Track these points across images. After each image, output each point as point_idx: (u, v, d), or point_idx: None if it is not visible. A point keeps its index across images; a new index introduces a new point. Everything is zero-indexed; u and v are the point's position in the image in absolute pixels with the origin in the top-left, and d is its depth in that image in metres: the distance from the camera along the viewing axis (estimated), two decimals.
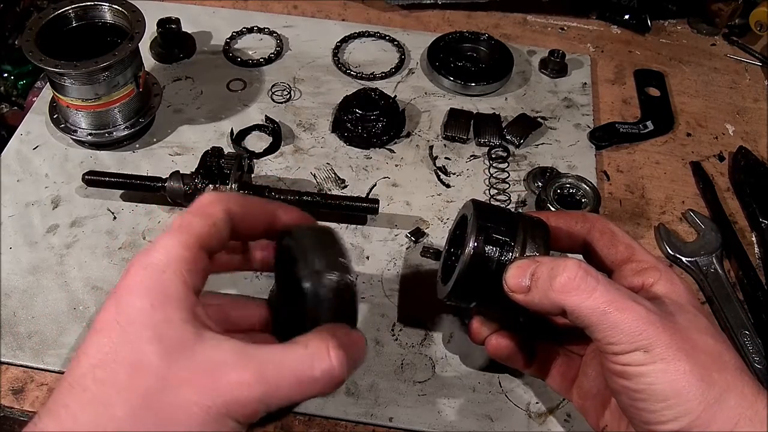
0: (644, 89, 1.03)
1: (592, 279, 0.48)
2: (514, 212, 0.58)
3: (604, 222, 0.57)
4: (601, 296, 0.48)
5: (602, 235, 0.56)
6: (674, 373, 0.46)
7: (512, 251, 0.54)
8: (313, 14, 1.13)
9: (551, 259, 0.51)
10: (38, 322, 0.73)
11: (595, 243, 0.57)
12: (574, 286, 0.48)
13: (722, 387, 0.46)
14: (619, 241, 0.56)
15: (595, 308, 0.47)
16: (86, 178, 0.83)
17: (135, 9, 0.86)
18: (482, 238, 0.54)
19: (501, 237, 0.54)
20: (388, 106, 0.93)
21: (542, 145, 0.94)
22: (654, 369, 0.46)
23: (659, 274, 0.53)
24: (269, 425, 0.49)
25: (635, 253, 0.55)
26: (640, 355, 0.46)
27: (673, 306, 0.50)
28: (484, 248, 0.54)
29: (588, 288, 0.48)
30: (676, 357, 0.46)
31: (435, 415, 0.69)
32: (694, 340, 0.48)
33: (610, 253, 0.56)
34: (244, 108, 0.97)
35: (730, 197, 0.91)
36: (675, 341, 0.47)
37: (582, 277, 0.48)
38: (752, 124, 1.01)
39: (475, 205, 0.57)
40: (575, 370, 0.60)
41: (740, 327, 0.76)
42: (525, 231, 0.55)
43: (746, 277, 0.80)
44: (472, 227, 0.55)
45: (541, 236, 0.55)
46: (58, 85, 0.83)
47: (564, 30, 1.14)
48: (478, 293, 0.57)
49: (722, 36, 1.15)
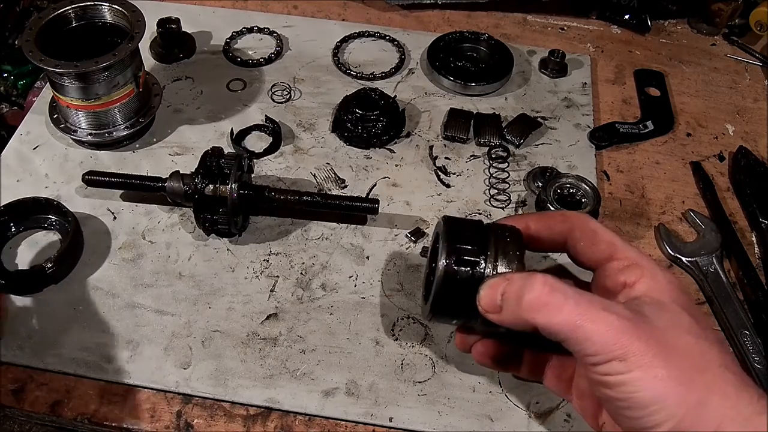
0: (644, 89, 1.03)
1: (560, 294, 0.48)
2: (486, 225, 0.57)
3: (585, 220, 0.56)
4: (570, 311, 0.47)
5: (583, 234, 0.55)
6: (652, 380, 0.45)
7: (485, 269, 0.53)
8: (313, 14, 1.13)
9: (521, 277, 0.50)
10: (38, 322, 0.73)
11: (577, 242, 0.56)
12: (541, 303, 0.48)
13: (703, 389, 0.46)
14: (600, 239, 0.55)
15: (565, 323, 0.47)
16: (86, 178, 0.83)
17: (135, 9, 0.86)
18: (453, 259, 0.53)
19: (472, 256, 0.54)
20: (388, 106, 0.93)
21: (542, 145, 0.94)
22: (632, 377, 0.46)
23: (641, 270, 0.52)
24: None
25: (617, 251, 0.54)
26: (617, 364, 0.46)
27: (653, 306, 0.50)
28: (456, 269, 0.53)
29: (556, 304, 0.48)
30: (652, 363, 0.46)
31: (435, 415, 0.69)
32: (672, 342, 0.47)
33: (592, 252, 0.55)
34: (244, 108, 0.97)
35: (730, 197, 0.91)
36: (651, 347, 0.46)
37: (549, 293, 0.48)
38: (752, 124, 1.01)
39: (445, 223, 0.57)
40: (570, 370, 0.59)
41: (740, 327, 0.76)
42: (497, 246, 0.54)
43: (746, 277, 0.80)
44: (442, 248, 0.54)
45: (514, 249, 0.54)
46: (58, 85, 0.83)
47: (564, 30, 1.14)
48: (456, 312, 0.57)
49: (722, 36, 1.15)
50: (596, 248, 0.55)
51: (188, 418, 0.68)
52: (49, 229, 0.81)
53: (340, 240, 0.82)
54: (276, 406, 0.69)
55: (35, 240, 0.81)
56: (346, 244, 0.82)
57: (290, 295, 0.77)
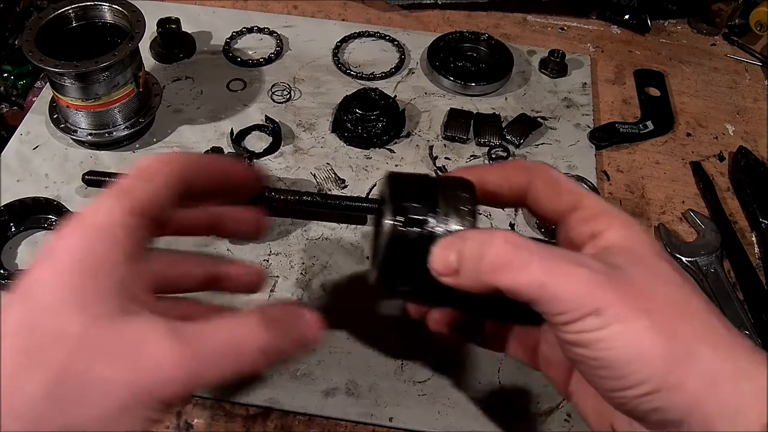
0: (644, 89, 1.03)
1: (524, 251, 0.43)
2: (435, 179, 0.51)
3: (547, 170, 0.51)
4: (537, 268, 0.42)
5: (545, 184, 0.50)
6: (632, 333, 0.40)
7: (435, 227, 0.48)
8: (313, 14, 1.13)
9: (479, 234, 0.45)
10: None
11: (539, 194, 0.51)
12: (505, 262, 0.43)
13: (690, 339, 0.41)
14: (564, 189, 0.50)
15: (532, 282, 0.42)
16: (86, 178, 0.83)
17: (135, 9, 0.86)
18: (400, 219, 0.48)
19: (420, 214, 0.48)
20: (388, 106, 0.93)
21: (542, 145, 0.94)
22: (610, 332, 0.41)
23: (610, 219, 0.47)
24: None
25: (582, 200, 0.49)
26: (593, 319, 0.41)
27: (627, 254, 0.45)
28: (403, 230, 0.48)
29: (521, 262, 0.42)
30: (631, 315, 0.41)
31: (435, 415, 0.69)
32: (651, 291, 0.42)
33: (555, 202, 0.50)
34: (244, 108, 0.97)
35: (730, 197, 0.91)
36: (629, 298, 0.41)
37: (512, 251, 0.43)
38: (752, 124, 1.01)
39: (389, 180, 0.51)
40: (536, 336, 0.55)
41: (740, 327, 0.76)
42: (447, 201, 0.49)
43: (746, 277, 0.80)
44: (387, 207, 0.49)
45: (466, 203, 0.49)
46: (58, 85, 0.83)
47: (564, 30, 1.14)
48: (407, 278, 0.51)
49: (722, 36, 1.15)
50: (560, 198, 0.50)
51: (188, 418, 0.68)
52: (49, 229, 0.81)
53: (341, 240, 0.82)
54: (276, 406, 0.69)
55: (35, 240, 0.81)
56: (346, 244, 0.82)
57: (290, 296, 0.77)
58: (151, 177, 0.43)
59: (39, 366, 0.36)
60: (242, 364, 0.41)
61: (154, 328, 0.39)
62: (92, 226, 0.40)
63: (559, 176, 0.51)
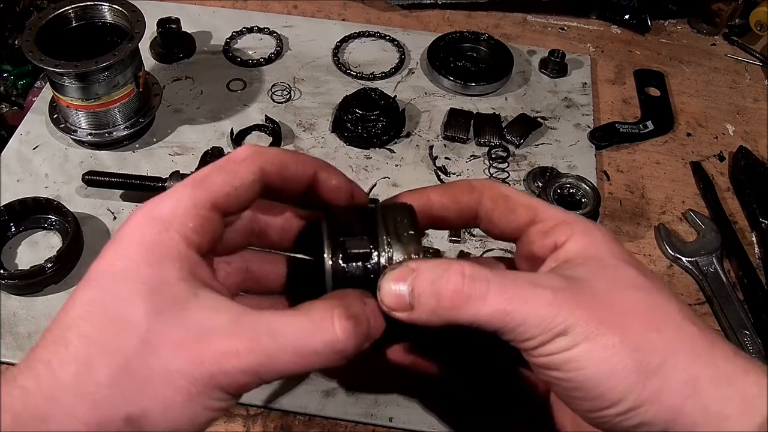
0: (644, 89, 1.03)
1: (481, 282, 0.41)
2: (372, 208, 0.49)
3: (494, 187, 0.49)
4: (496, 297, 0.40)
5: (495, 203, 0.48)
6: (602, 350, 0.39)
7: (378, 259, 0.45)
8: (313, 14, 1.13)
9: (431, 267, 0.43)
10: (38, 322, 0.73)
11: (490, 213, 0.49)
12: (463, 298, 0.41)
13: (664, 349, 0.39)
14: (516, 204, 0.48)
15: (495, 312, 0.40)
16: (86, 178, 0.83)
17: (135, 9, 0.86)
18: (339, 255, 0.45)
19: (360, 248, 0.45)
20: (388, 106, 0.93)
21: (542, 145, 0.94)
22: (579, 352, 0.39)
23: (570, 228, 0.45)
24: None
25: (538, 213, 0.47)
26: (561, 340, 0.39)
27: (591, 265, 0.43)
28: (344, 267, 0.45)
29: (479, 294, 0.41)
30: (600, 331, 0.39)
31: (435, 415, 0.68)
32: (619, 302, 0.41)
33: (509, 220, 0.48)
34: (244, 108, 0.97)
35: (730, 197, 0.91)
36: (595, 313, 0.40)
37: (469, 284, 0.41)
38: (752, 124, 1.01)
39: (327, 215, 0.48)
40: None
41: (740, 327, 0.76)
42: (388, 229, 0.46)
43: (746, 277, 0.80)
44: (325, 244, 0.46)
45: (407, 229, 0.46)
46: (58, 85, 0.83)
47: (564, 30, 1.14)
48: None
49: (722, 36, 1.15)
50: (513, 215, 0.48)
51: None
52: (49, 229, 0.81)
53: None
54: (276, 406, 0.69)
55: (35, 240, 0.81)
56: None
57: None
58: (236, 169, 0.43)
59: (106, 354, 0.37)
60: (314, 361, 0.39)
61: (220, 315, 0.38)
62: (160, 216, 0.40)
63: (509, 192, 0.49)
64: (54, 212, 0.81)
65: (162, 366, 0.37)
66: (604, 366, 0.39)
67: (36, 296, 0.75)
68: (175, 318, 0.38)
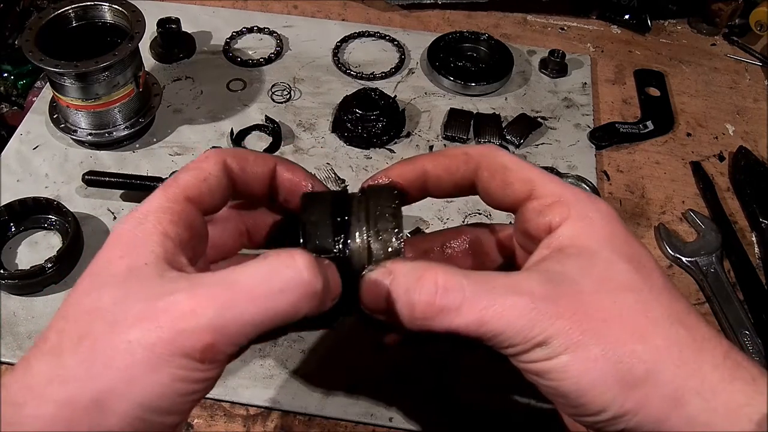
0: (644, 89, 1.03)
1: (455, 293, 0.40)
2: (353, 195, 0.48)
3: (493, 155, 0.47)
4: (471, 309, 0.39)
5: (493, 173, 0.47)
6: (583, 362, 0.38)
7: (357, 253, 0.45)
8: (313, 14, 1.13)
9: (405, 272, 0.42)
10: (38, 322, 0.73)
11: (487, 184, 0.47)
12: (436, 309, 0.40)
13: (649, 360, 0.38)
14: (514, 176, 0.46)
15: (470, 323, 0.39)
16: (86, 178, 0.83)
17: (135, 9, 0.86)
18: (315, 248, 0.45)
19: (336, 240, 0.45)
20: (388, 106, 0.93)
21: (542, 145, 0.94)
22: (559, 363, 0.38)
23: (567, 209, 0.43)
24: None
25: (536, 188, 0.45)
26: (540, 351, 0.39)
27: (581, 258, 0.41)
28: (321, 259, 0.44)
29: (453, 306, 0.40)
30: (581, 342, 0.38)
31: (435, 415, 0.68)
32: (606, 307, 0.39)
33: (506, 194, 0.46)
34: (244, 108, 0.97)
35: (730, 197, 0.91)
36: (577, 323, 0.38)
37: (442, 296, 0.40)
38: (752, 124, 1.01)
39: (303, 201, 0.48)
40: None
41: (740, 327, 0.76)
42: (368, 221, 0.45)
43: (746, 277, 0.80)
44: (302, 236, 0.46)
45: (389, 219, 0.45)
46: (58, 85, 0.83)
47: (564, 30, 1.14)
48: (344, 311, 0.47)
49: (722, 36, 1.15)
50: (511, 188, 0.46)
51: (188, 417, 0.68)
52: (49, 229, 0.81)
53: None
54: (276, 406, 0.69)
55: (35, 240, 0.81)
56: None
57: None
58: (200, 165, 0.46)
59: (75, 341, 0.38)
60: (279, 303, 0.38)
61: (177, 285, 0.39)
62: (135, 214, 0.43)
63: (507, 161, 0.47)
64: (54, 212, 0.81)
65: (123, 340, 0.37)
66: (586, 378, 0.38)
67: (36, 296, 0.76)
68: (139, 296, 0.39)
